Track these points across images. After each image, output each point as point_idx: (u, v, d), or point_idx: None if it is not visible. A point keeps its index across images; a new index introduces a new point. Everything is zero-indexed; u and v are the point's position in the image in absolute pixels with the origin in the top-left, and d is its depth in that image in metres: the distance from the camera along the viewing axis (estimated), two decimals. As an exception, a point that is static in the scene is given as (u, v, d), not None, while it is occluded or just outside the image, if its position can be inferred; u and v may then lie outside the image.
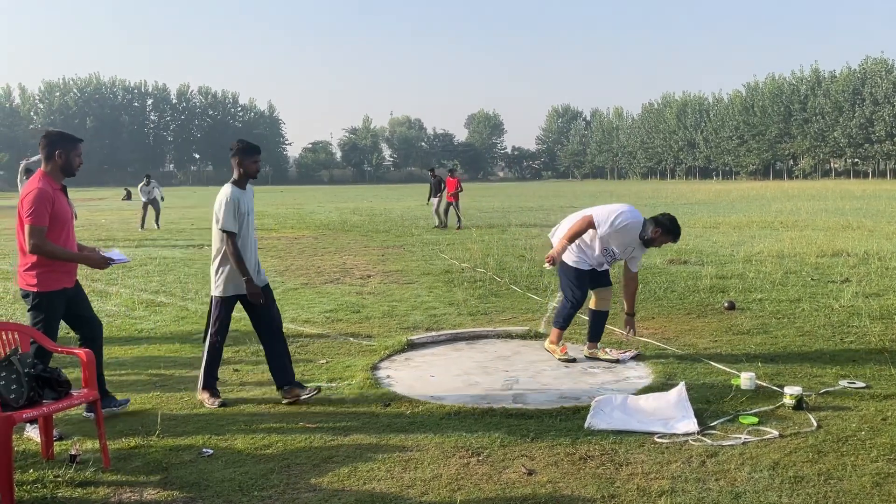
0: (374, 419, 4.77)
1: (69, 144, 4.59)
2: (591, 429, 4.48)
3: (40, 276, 4.48)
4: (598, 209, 6.07)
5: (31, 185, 4.45)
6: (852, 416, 4.63)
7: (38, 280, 4.47)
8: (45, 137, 4.59)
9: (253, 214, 5.28)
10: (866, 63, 75.31)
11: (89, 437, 4.41)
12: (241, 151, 5.11)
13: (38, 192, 4.38)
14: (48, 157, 4.54)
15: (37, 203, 4.35)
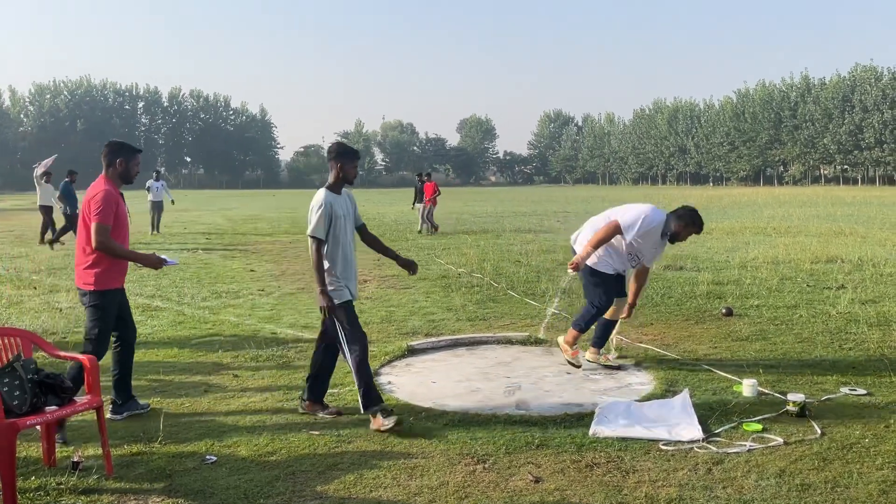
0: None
1: (129, 154, 4.93)
2: (596, 436, 4.47)
3: (98, 276, 4.71)
4: (623, 214, 5.95)
5: (99, 187, 4.73)
6: (855, 423, 4.64)
7: (95, 279, 4.71)
8: (108, 146, 4.91)
9: (351, 219, 5.00)
10: (856, 70, 75.89)
11: (92, 444, 4.37)
12: (341, 155, 4.88)
13: (106, 193, 4.68)
14: (109, 163, 4.85)
15: (104, 203, 4.63)
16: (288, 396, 5.39)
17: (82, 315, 8.40)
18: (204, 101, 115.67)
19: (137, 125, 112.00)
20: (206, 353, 6.77)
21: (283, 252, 15.59)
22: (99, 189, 4.71)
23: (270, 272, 12.30)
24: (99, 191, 4.69)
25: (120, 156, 4.88)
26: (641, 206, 6.06)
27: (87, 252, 4.71)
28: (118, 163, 4.86)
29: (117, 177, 4.87)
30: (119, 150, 4.90)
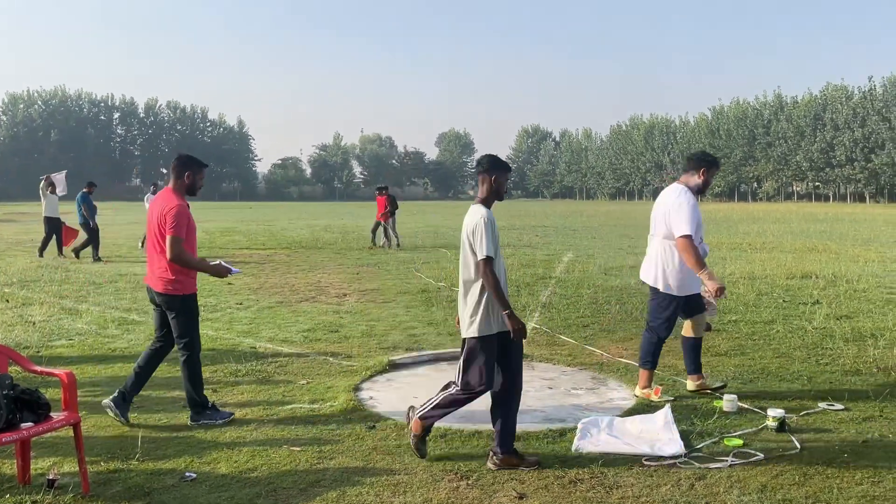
0: (359, 441, 4.71)
1: (196, 168, 5.19)
2: (579, 451, 4.47)
3: (183, 281, 5.06)
4: (679, 222, 5.37)
5: (172, 201, 5.01)
6: (834, 438, 4.70)
7: (182, 284, 5.06)
8: (177, 160, 5.19)
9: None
10: (827, 90, 77.38)
11: (68, 461, 4.28)
12: (496, 167, 4.46)
13: (180, 208, 4.98)
14: (178, 176, 5.13)
15: (178, 217, 4.93)
16: (267, 412, 5.33)
17: (57, 329, 8.33)
18: (181, 112, 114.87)
19: (113, 136, 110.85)
20: (185, 367, 6.66)
21: (261, 265, 15.47)
22: (173, 203, 4.99)
23: (248, 285, 12.19)
24: (173, 205, 4.97)
25: (188, 169, 5.15)
26: (672, 197, 5.55)
27: (166, 259, 5.01)
28: (186, 176, 5.14)
29: (184, 189, 5.14)
30: (187, 164, 5.17)
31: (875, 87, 71.40)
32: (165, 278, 5.04)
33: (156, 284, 5.10)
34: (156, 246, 5.07)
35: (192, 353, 5.14)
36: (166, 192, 5.14)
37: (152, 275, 5.14)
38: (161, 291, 5.07)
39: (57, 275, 13.43)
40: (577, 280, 12.57)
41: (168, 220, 4.94)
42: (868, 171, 70.13)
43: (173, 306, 5.08)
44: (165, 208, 4.98)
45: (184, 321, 5.10)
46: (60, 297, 10.78)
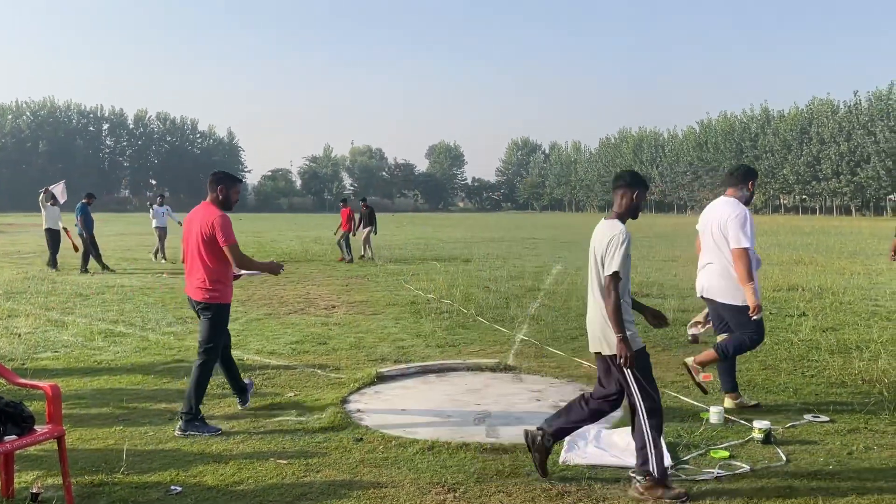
0: (346, 454, 4.69)
1: (230, 183, 5.45)
2: (567, 464, 4.48)
3: (221, 291, 5.31)
4: (740, 234, 5.35)
5: (213, 212, 5.26)
6: (819, 450, 4.72)
7: (220, 294, 5.30)
8: (212, 175, 5.45)
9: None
10: (813, 104, 78.15)
11: (52, 474, 4.24)
12: (638, 183, 4.30)
13: (224, 218, 5.25)
14: (212, 190, 5.38)
15: (226, 226, 5.21)
16: (254, 424, 5.31)
17: (43, 340, 8.27)
18: (171, 123, 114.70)
19: (102, 147, 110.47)
20: (171, 379, 6.64)
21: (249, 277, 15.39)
22: (215, 214, 5.25)
23: (236, 297, 12.07)
24: (216, 216, 5.24)
25: (221, 184, 5.39)
26: (725, 209, 5.54)
27: (209, 270, 5.24)
28: (219, 190, 5.37)
29: (219, 203, 5.37)
30: (220, 179, 5.41)
31: (860, 101, 72.20)
32: (205, 287, 5.27)
33: (195, 294, 5.32)
34: (195, 256, 5.28)
35: (209, 359, 5.32)
36: (206, 205, 5.38)
37: (191, 285, 5.36)
38: (200, 300, 5.29)
39: (43, 286, 13.34)
40: (566, 292, 12.61)
41: (218, 231, 5.19)
42: (854, 185, 70.77)
43: (206, 311, 5.30)
44: (210, 221, 5.21)
45: (212, 328, 5.31)
46: (47, 308, 10.70)
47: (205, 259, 5.25)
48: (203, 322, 5.34)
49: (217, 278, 5.27)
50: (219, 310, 5.32)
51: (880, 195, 71.33)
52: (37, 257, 20.18)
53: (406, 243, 27.20)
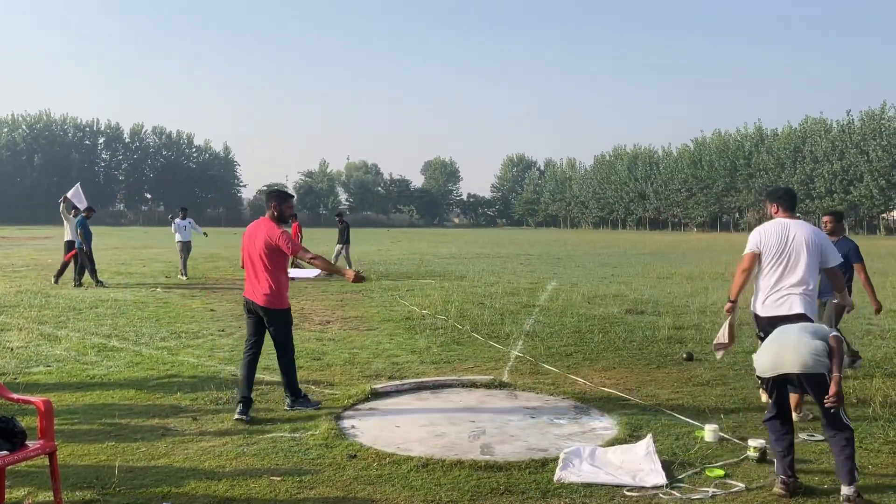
0: (340, 471, 4.67)
1: (281, 199, 6.10)
2: (561, 482, 4.46)
3: (285, 297, 6.04)
4: (827, 256, 5.62)
5: (276, 230, 5.95)
6: (814, 468, 4.72)
7: (284, 300, 6.03)
8: (267, 193, 6.19)
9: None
10: (806, 122, 78.70)
11: (42, 490, 4.20)
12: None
13: (284, 232, 5.95)
14: (267, 207, 6.11)
15: (287, 238, 5.89)
16: (248, 440, 5.28)
17: (35, 355, 8.23)
18: (167, 137, 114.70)
19: (97, 161, 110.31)
20: (164, 394, 6.61)
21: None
22: (275, 230, 5.93)
23: (231, 312, 12.11)
24: (278, 230, 5.92)
25: (274, 200, 6.07)
26: (811, 231, 5.71)
27: (273, 279, 5.92)
28: (273, 207, 6.03)
29: (275, 218, 6.02)
30: (272, 196, 6.10)
31: (853, 120, 72.73)
32: (268, 294, 5.92)
33: (260, 300, 5.95)
34: (259, 267, 5.94)
35: (289, 354, 6.12)
36: (265, 221, 6.05)
37: (254, 291, 5.99)
38: (263, 305, 5.94)
39: (36, 300, 13.27)
40: (561, 308, 12.60)
41: (283, 244, 5.86)
42: (847, 203, 71.12)
43: (274, 319, 5.99)
44: (274, 237, 5.88)
45: (282, 330, 6.03)
46: (40, 322, 10.65)
47: (269, 269, 5.90)
48: (273, 329, 6.04)
49: (279, 286, 5.96)
50: (282, 313, 6.02)
51: (873, 213, 71.73)
52: (30, 270, 20.09)
53: (401, 259, 27.19)
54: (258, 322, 6.08)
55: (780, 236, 5.74)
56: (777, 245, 5.70)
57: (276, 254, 5.94)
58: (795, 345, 4.33)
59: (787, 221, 5.89)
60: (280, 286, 5.99)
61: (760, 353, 4.52)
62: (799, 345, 4.31)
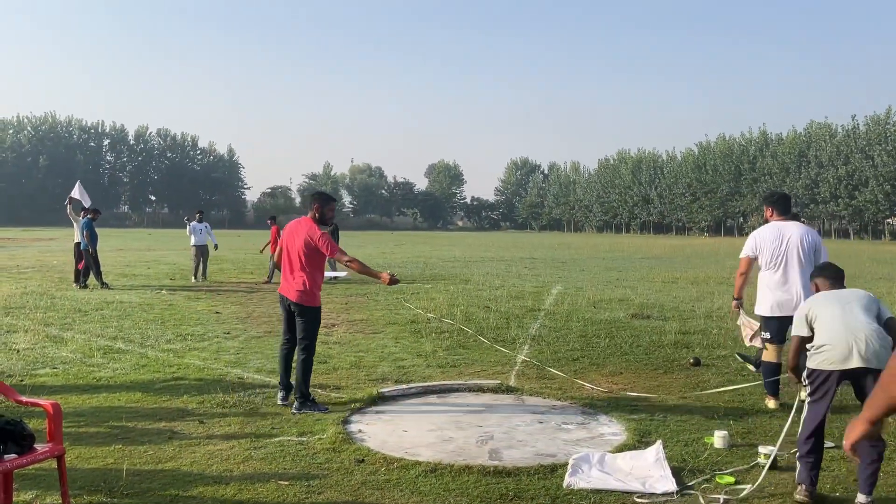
0: (348, 476, 4.65)
1: (324, 202, 6.34)
2: (571, 488, 4.43)
3: (317, 295, 6.29)
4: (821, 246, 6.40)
5: (315, 229, 6.20)
6: (825, 476, 4.68)
7: (316, 299, 6.27)
8: (310, 195, 6.46)
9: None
10: (811, 127, 78.54)
11: (50, 493, 4.19)
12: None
13: (325, 234, 6.21)
14: (310, 208, 6.36)
15: (327, 239, 6.16)
16: (255, 444, 5.26)
17: (41, 357, 8.23)
18: (171, 140, 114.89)
19: (102, 162, 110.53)
20: (171, 397, 6.59)
21: (249, 294, 15.38)
22: (316, 230, 6.19)
23: (236, 315, 12.11)
24: (318, 232, 6.18)
25: (316, 202, 6.32)
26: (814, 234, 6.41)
27: (309, 277, 6.18)
28: (315, 208, 6.29)
29: (316, 220, 6.27)
30: (315, 198, 6.36)
31: (858, 125, 72.56)
32: (301, 291, 6.18)
33: (292, 296, 6.22)
34: (295, 264, 6.20)
35: (309, 354, 6.26)
36: (306, 220, 6.29)
37: (290, 288, 6.25)
38: (296, 301, 6.19)
39: (42, 302, 13.29)
40: (567, 313, 12.57)
41: (321, 245, 6.14)
42: (852, 208, 70.97)
43: (304, 314, 6.21)
44: (315, 237, 6.15)
45: (309, 327, 6.24)
46: (45, 324, 10.65)
47: (305, 268, 6.16)
48: (301, 322, 6.23)
49: (313, 284, 6.21)
50: (316, 312, 6.27)
51: (878, 219, 71.51)
52: (36, 272, 20.13)
53: (405, 262, 27.17)
54: (291, 318, 6.35)
55: (776, 239, 5.94)
56: (773, 247, 5.90)
57: (315, 253, 6.20)
58: (868, 331, 4.15)
59: (782, 224, 6.34)
60: (314, 285, 6.23)
61: (825, 344, 4.22)
62: (869, 331, 4.15)
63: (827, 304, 4.45)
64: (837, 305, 4.38)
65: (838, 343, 4.20)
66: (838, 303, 4.40)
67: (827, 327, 4.29)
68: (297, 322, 6.28)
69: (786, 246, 6.19)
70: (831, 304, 4.42)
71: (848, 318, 4.25)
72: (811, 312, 4.46)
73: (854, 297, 4.45)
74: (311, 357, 6.30)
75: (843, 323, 4.24)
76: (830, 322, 4.30)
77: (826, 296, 4.55)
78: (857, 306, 4.34)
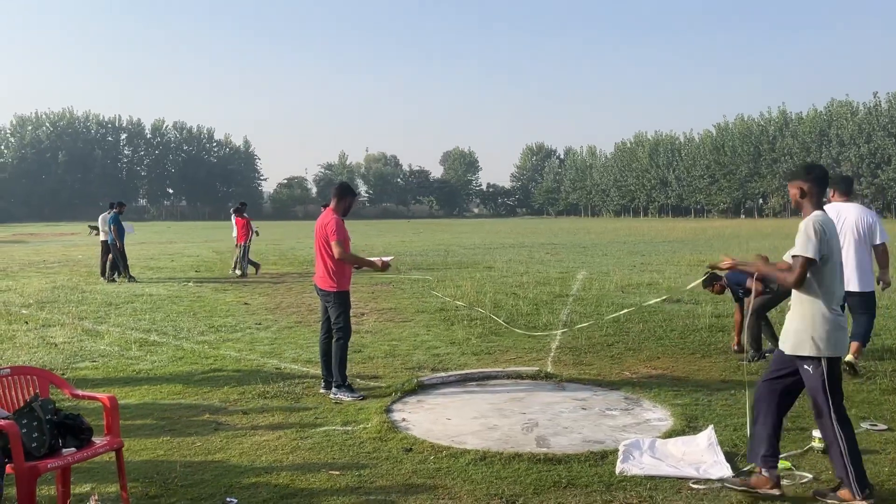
0: (397, 465, 4.64)
1: (348, 195, 6.65)
2: (624, 474, 4.39)
3: (338, 280, 6.39)
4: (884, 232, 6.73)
5: (329, 216, 6.45)
6: (881, 459, 4.61)
7: (336, 282, 6.39)
8: (336, 187, 6.70)
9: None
10: (832, 105, 77.43)
11: (105, 485, 4.22)
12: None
13: (338, 220, 6.40)
14: (339, 200, 6.58)
15: (339, 226, 6.34)
16: (301, 434, 5.27)
17: (80, 350, 8.30)
18: (187, 132, 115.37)
19: (120, 157, 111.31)
20: (212, 389, 6.62)
21: (275, 285, 15.43)
22: (330, 217, 6.42)
23: (265, 305, 12.15)
24: (331, 219, 6.39)
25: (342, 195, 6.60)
26: (865, 212, 6.81)
27: (330, 263, 6.36)
28: (341, 200, 6.57)
29: (340, 210, 6.52)
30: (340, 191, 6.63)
31: (880, 102, 71.43)
32: (323, 277, 6.42)
33: (318, 282, 6.51)
34: (320, 252, 6.43)
35: (343, 336, 6.39)
36: (328, 211, 6.55)
37: (317, 275, 6.54)
38: (321, 287, 6.46)
39: (73, 296, 13.41)
40: (595, 298, 12.49)
41: (330, 230, 6.33)
42: (875, 187, 70.02)
43: (329, 299, 6.42)
44: (324, 222, 6.41)
45: (339, 311, 6.39)
46: (79, 318, 10.74)
47: (324, 254, 6.38)
48: (331, 308, 6.43)
49: (336, 270, 6.36)
50: (339, 296, 6.39)
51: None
52: (63, 266, 20.32)
53: (426, 250, 27.15)
54: (325, 305, 6.56)
55: (834, 220, 5.90)
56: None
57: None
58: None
59: (840, 205, 6.74)
60: (335, 271, 6.37)
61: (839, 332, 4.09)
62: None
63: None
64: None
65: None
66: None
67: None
68: (328, 308, 6.48)
69: (842, 227, 6.43)
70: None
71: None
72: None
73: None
74: (345, 341, 6.42)
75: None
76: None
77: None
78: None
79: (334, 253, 6.30)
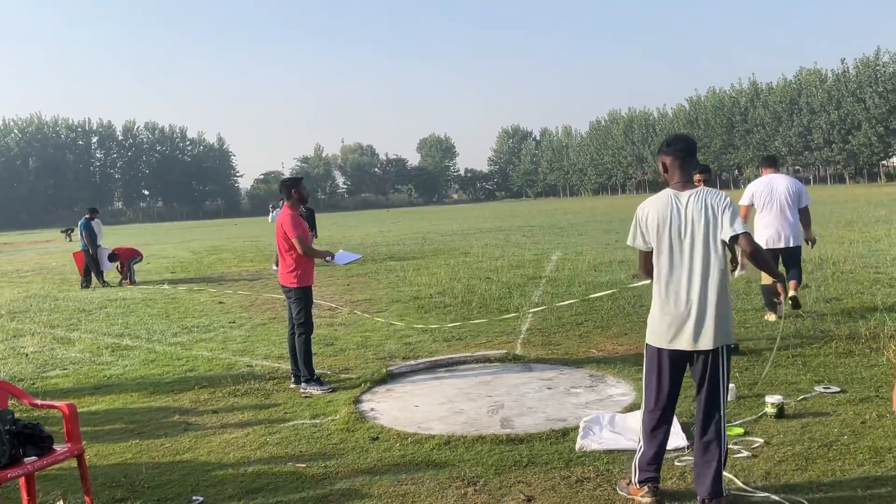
0: (363, 454, 4.71)
1: (293, 185, 6.60)
2: (583, 450, 4.50)
3: (298, 276, 6.44)
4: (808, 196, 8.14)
5: (286, 213, 6.47)
6: (833, 421, 4.76)
7: (297, 279, 6.43)
8: (282, 183, 6.76)
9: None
10: (801, 74, 78.14)
11: (72, 492, 4.26)
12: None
13: (293, 216, 6.46)
14: (288, 196, 6.58)
15: (294, 223, 6.39)
16: (269, 430, 5.32)
17: (51, 359, 8.28)
18: (160, 132, 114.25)
19: (92, 160, 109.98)
20: (182, 390, 6.65)
21: (251, 282, 15.42)
22: (285, 214, 6.46)
23: (239, 303, 12.16)
24: (286, 216, 6.44)
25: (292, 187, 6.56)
26: (794, 181, 8.13)
27: (289, 259, 6.42)
28: (294, 192, 6.55)
29: (296, 202, 6.58)
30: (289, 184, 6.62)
31: (848, 68, 72.20)
32: (283, 273, 6.51)
33: (282, 279, 6.55)
34: (281, 248, 6.48)
35: (305, 331, 6.46)
36: (285, 208, 6.58)
37: (280, 272, 6.59)
38: (284, 284, 6.52)
39: (46, 304, 13.33)
40: (568, 278, 12.62)
41: (287, 228, 6.37)
42: (846, 153, 70.90)
43: (291, 295, 6.49)
44: (282, 220, 6.44)
45: (299, 306, 6.46)
46: (51, 326, 10.70)
47: (283, 252, 6.47)
48: (292, 304, 6.51)
49: (296, 266, 6.41)
50: (299, 292, 6.45)
51: (873, 161, 71.46)
52: (36, 275, 20.13)
53: (403, 239, 27.19)
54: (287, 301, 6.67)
55: (766, 188, 7.93)
56: (765, 195, 7.88)
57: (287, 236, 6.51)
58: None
59: (772, 176, 8.11)
60: (295, 267, 6.42)
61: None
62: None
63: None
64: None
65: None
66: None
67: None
68: (289, 304, 6.58)
69: (774, 194, 7.87)
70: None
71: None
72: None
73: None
74: (307, 336, 6.47)
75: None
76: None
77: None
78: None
79: (298, 249, 6.37)
